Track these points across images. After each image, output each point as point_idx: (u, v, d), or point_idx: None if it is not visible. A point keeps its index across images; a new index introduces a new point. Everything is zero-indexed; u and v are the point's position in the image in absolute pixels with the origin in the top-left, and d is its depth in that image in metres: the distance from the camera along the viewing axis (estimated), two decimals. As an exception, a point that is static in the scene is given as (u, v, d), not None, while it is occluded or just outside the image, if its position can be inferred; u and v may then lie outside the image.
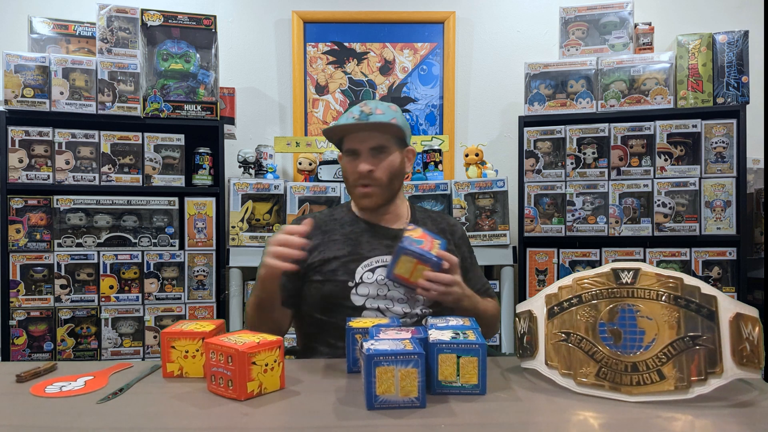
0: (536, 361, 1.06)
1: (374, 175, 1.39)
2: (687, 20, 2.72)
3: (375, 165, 1.39)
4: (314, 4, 2.84)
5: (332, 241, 1.43)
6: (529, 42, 2.84)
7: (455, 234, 1.54)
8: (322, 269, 1.40)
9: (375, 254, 1.40)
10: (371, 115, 1.37)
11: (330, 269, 1.40)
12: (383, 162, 1.40)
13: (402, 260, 1.23)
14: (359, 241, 1.43)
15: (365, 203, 1.43)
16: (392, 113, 1.41)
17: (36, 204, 2.27)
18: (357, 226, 1.46)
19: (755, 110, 2.37)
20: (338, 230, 1.46)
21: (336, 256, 1.40)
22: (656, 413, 0.90)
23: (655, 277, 0.97)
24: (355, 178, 1.41)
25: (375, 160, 1.39)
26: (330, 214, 1.52)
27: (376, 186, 1.41)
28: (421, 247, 1.23)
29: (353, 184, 1.43)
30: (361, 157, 1.40)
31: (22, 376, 1.07)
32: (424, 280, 1.23)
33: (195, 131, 2.42)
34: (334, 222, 1.48)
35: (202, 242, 2.39)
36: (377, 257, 1.40)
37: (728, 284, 2.31)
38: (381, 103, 1.42)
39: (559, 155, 2.44)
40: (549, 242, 2.46)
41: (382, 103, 1.43)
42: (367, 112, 1.38)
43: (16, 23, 2.58)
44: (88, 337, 2.31)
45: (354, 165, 1.40)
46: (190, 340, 1.10)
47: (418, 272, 1.24)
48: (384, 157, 1.40)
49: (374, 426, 0.86)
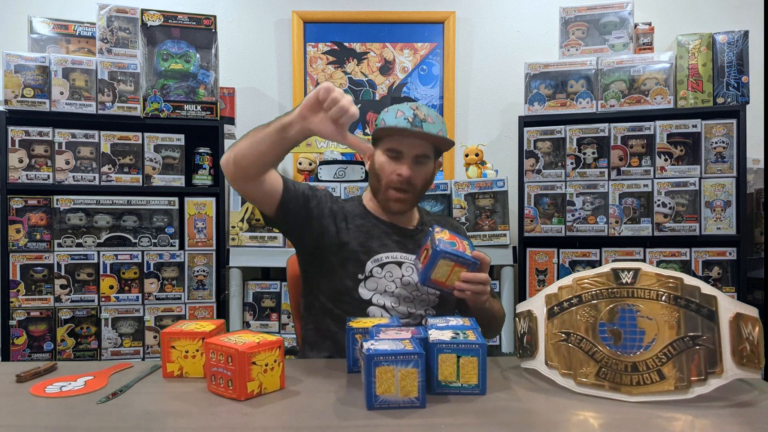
0: (536, 361, 1.06)
1: (412, 181, 1.39)
2: (687, 20, 2.72)
3: (415, 172, 1.39)
4: (314, 4, 2.84)
5: (348, 230, 1.43)
6: (529, 42, 2.83)
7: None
8: (339, 253, 1.39)
9: (385, 250, 1.41)
10: (425, 123, 1.36)
11: (344, 257, 1.39)
12: (422, 170, 1.40)
13: (440, 264, 1.20)
14: (371, 235, 1.43)
15: (397, 207, 1.42)
16: (440, 123, 1.40)
17: (36, 204, 2.27)
18: (368, 221, 1.46)
19: (755, 110, 2.37)
20: (351, 221, 1.45)
21: (350, 245, 1.40)
22: (656, 413, 0.90)
23: (655, 277, 0.97)
24: (392, 180, 1.39)
25: (416, 167, 1.39)
26: (342, 205, 1.49)
27: (410, 192, 1.41)
28: (455, 248, 1.21)
29: (387, 185, 1.40)
30: (404, 162, 1.38)
31: (22, 376, 1.07)
32: (460, 282, 1.22)
33: (195, 131, 2.42)
34: (347, 213, 1.47)
35: (202, 242, 2.39)
36: (387, 253, 1.40)
37: (728, 284, 2.30)
38: (430, 110, 1.41)
39: (559, 155, 2.44)
40: (549, 242, 2.46)
41: (430, 109, 1.41)
42: (421, 118, 1.36)
43: (16, 23, 2.58)
44: (88, 337, 2.31)
45: (393, 167, 1.38)
46: (190, 340, 1.10)
47: (454, 275, 1.21)
48: (423, 166, 1.40)
49: (374, 426, 0.86)
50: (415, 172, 1.39)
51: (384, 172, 1.40)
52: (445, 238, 1.24)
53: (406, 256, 1.41)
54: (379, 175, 1.41)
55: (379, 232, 1.44)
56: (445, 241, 1.22)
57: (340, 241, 1.40)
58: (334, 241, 1.40)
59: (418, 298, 1.40)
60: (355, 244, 1.39)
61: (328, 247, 1.40)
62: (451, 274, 1.21)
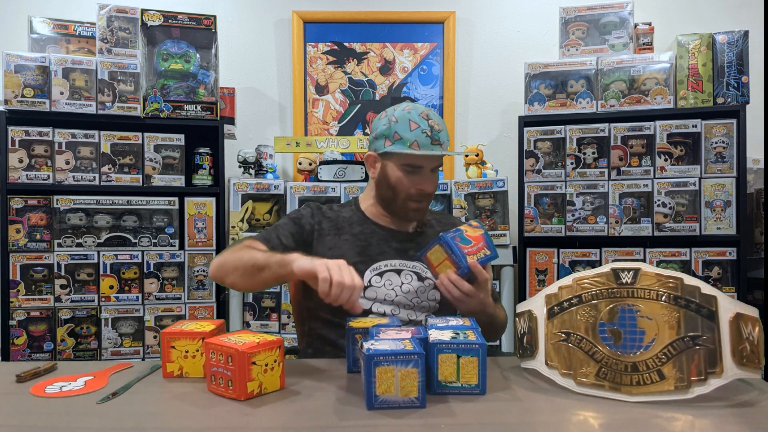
0: (536, 361, 1.06)
1: (434, 190, 1.41)
2: (687, 20, 2.72)
3: (433, 182, 1.40)
4: (314, 4, 2.84)
5: (343, 240, 1.41)
6: (529, 42, 2.83)
7: None
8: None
9: (384, 258, 1.39)
10: (440, 133, 1.36)
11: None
12: (436, 179, 1.42)
13: (436, 248, 1.24)
14: (369, 243, 1.41)
15: (417, 216, 1.44)
16: (445, 128, 1.40)
17: (36, 204, 2.27)
18: (367, 227, 1.44)
19: (755, 110, 2.37)
20: (347, 229, 1.43)
21: (345, 257, 1.39)
22: (656, 413, 0.90)
23: (655, 277, 0.97)
24: (412, 193, 1.38)
25: (433, 178, 1.40)
26: (338, 211, 1.48)
27: (427, 201, 1.42)
28: (462, 246, 1.22)
29: (406, 198, 1.39)
30: (424, 175, 1.37)
31: (22, 376, 1.07)
32: (446, 277, 1.23)
33: (195, 131, 2.42)
34: (342, 220, 1.45)
35: (202, 242, 2.39)
36: (386, 261, 1.39)
37: (728, 284, 2.30)
38: (435, 114, 1.40)
39: (559, 155, 2.44)
40: (549, 242, 2.46)
41: (432, 111, 1.40)
42: (437, 129, 1.35)
43: (16, 23, 2.58)
44: (88, 337, 2.31)
45: (414, 181, 1.37)
46: (190, 340, 1.10)
47: (444, 267, 1.24)
48: (436, 174, 1.42)
49: (374, 426, 0.86)
50: (433, 182, 1.40)
51: (402, 186, 1.38)
52: (468, 234, 1.25)
53: (405, 263, 1.40)
54: (396, 189, 1.39)
55: (377, 239, 1.42)
56: (462, 235, 1.24)
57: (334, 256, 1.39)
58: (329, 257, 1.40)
59: (418, 305, 1.38)
60: (352, 255, 1.38)
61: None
62: (441, 264, 1.24)
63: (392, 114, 1.38)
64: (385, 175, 1.40)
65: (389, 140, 1.36)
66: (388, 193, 1.41)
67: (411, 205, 1.39)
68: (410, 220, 1.44)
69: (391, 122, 1.37)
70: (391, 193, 1.40)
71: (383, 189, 1.42)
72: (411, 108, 1.37)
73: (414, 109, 1.37)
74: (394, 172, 1.38)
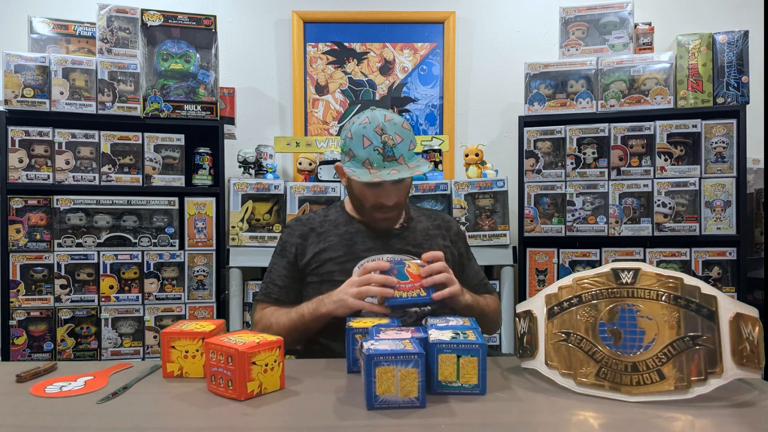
0: (536, 361, 1.06)
1: (396, 200, 1.37)
2: (687, 20, 2.72)
3: (398, 195, 1.36)
4: (314, 4, 2.84)
5: (327, 242, 1.43)
6: (529, 42, 2.83)
7: (450, 230, 1.55)
8: (319, 270, 1.41)
9: (370, 253, 1.41)
10: (395, 147, 1.30)
11: (326, 270, 1.40)
12: (403, 186, 1.38)
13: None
14: (354, 240, 1.43)
15: (385, 225, 1.43)
16: (408, 135, 1.33)
17: (36, 204, 2.27)
18: (351, 226, 1.46)
19: (755, 110, 2.37)
20: (333, 231, 1.45)
21: (332, 257, 1.41)
22: (656, 413, 0.90)
23: (655, 277, 0.97)
24: (376, 205, 1.37)
25: (396, 189, 1.36)
26: (324, 214, 1.51)
27: (395, 211, 1.41)
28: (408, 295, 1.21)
29: (372, 209, 1.39)
30: (384, 189, 1.34)
31: (22, 376, 1.07)
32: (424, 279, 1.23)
33: (195, 131, 2.42)
34: (328, 223, 1.48)
35: (202, 242, 2.39)
36: (373, 256, 1.40)
37: (728, 284, 2.30)
38: (394, 124, 1.31)
39: (559, 155, 2.44)
40: (549, 242, 2.45)
41: (394, 123, 1.32)
42: (390, 144, 1.29)
43: (16, 23, 2.58)
44: (88, 337, 2.31)
45: (375, 194, 1.35)
46: (190, 340, 1.10)
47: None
48: (403, 182, 1.37)
49: (374, 426, 0.86)
50: (398, 192, 1.36)
51: (366, 198, 1.38)
52: (407, 270, 1.24)
53: (393, 257, 1.40)
54: (361, 201, 1.40)
55: (363, 236, 1.44)
56: (401, 270, 1.23)
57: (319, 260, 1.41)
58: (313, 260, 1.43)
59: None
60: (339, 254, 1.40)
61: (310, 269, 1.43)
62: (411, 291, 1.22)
63: (350, 128, 1.35)
64: (350, 186, 1.43)
65: (347, 156, 1.36)
66: (357, 203, 1.44)
67: (377, 215, 1.40)
68: (380, 228, 1.44)
69: (346, 139, 1.36)
70: (358, 203, 1.43)
71: (352, 198, 1.45)
72: (369, 120, 1.32)
73: (372, 121, 1.31)
74: (357, 184, 1.38)
